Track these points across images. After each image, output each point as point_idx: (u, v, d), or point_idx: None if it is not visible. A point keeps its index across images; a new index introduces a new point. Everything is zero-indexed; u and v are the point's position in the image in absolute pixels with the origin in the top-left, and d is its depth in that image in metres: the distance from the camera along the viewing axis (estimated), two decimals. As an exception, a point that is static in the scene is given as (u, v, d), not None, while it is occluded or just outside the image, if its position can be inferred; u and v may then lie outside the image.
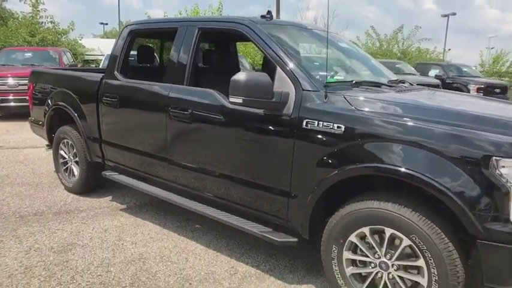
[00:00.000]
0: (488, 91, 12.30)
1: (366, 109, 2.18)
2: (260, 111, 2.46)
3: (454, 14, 32.03)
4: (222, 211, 2.84)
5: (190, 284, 2.60)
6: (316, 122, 2.25)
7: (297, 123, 2.32)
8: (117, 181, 3.64)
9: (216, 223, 3.35)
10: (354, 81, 2.60)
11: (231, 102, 2.41)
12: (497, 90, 12.46)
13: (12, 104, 8.77)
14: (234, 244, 3.15)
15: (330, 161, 2.20)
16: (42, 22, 14.56)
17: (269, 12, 2.93)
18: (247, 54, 15.57)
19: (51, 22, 14.67)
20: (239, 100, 2.33)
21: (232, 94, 2.35)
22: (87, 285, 2.55)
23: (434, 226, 1.92)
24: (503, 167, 1.80)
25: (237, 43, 4.54)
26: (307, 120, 2.28)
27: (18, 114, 8.56)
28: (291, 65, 2.45)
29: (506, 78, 17.32)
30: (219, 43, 4.23)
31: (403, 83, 3.14)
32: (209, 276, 2.69)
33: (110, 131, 3.63)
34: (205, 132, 2.85)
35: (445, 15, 32.15)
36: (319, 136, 2.24)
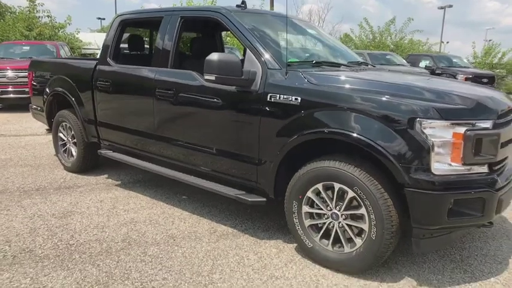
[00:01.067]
0: (476, 81, 12.66)
1: (319, 83, 2.56)
2: (232, 88, 2.84)
3: (451, 6, 32.31)
4: (203, 179, 3.21)
5: (174, 240, 2.99)
6: (278, 95, 2.63)
7: (263, 97, 2.69)
8: (111, 158, 4.02)
9: (201, 194, 3.77)
10: (314, 61, 2.98)
11: (206, 80, 2.78)
12: (485, 80, 12.83)
13: (11, 95, 9.11)
14: (216, 211, 3.54)
15: (289, 129, 2.58)
16: (39, 17, 14.87)
17: (243, 1, 3.30)
18: (241, 48, 15.86)
19: (48, 16, 14.99)
20: (212, 77, 2.71)
21: (207, 72, 2.73)
22: (84, 241, 2.93)
23: (373, 179, 2.31)
24: (426, 127, 2.18)
25: (227, 34, 4.91)
26: (270, 94, 2.66)
27: (18, 106, 8.92)
28: (258, 47, 2.82)
29: (497, 70, 17.70)
30: (204, 32, 4.59)
31: (366, 65, 3.51)
32: (191, 235, 3.08)
33: (104, 113, 4.00)
34: (186, 109, 3.23)
35: (442, 8, 32.43)
36: (281, 107, 2.62)
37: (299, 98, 2.54)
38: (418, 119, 2.18)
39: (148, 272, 2.54)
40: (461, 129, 2.17)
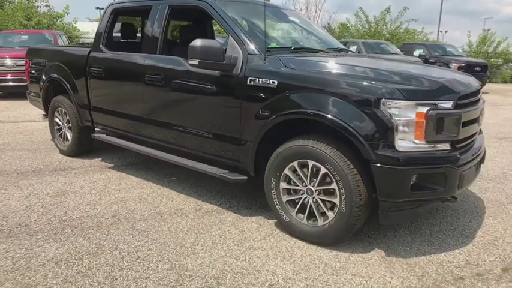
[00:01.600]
0: (468, 69, 12.76)
1: (294, 67, 2.71)
2: (216, 72, 2.99)
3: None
4: (189, 160, 3.38)
5: (161, 216, 3.17)
6: (257, 79, 2.78)
7: (243, 80, 2.85)
8: (104, 141, 4.19)
9: (190, 176, 3.96)
10: (292, 47, 3.12)
11: (190, 64, 2.93)
12: (478, 69, 12.92)
13: (10, 83, 9.26)
14: (203, 191, 3.71)
15: (266, 110, 2.74)
16: (37, 6, 14.97)
17: (228, -10, 3.42)
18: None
19: (46, 6, 15.09)
20: (196, 62, 2.86)
21: (190, 57, 2.88)
22: (76, 217, 3.12)
23: (342, 156, 2.47)
24: (390, 107, 2.34)
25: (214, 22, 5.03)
26: (250, 77, 2.81)
27: (17, 93, 9.07)
28: (239, 34, 2.97)
29: (492, 59, 17.77)
30: (194, 21, 4.72)
31: (346, 51, 3.65)
32: (178, 212, 3.26)
33: (97, 98, 4.16)
34: (174, 93, 3.38)
35: (439, -3, 32.20)
36: (259, 90, 2.77)
37: (276, 81, 2.70)
38: (383, 99, 2.34)
39: (135, 243, 2.72)
40: (424, 109, 2.33)
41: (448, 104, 2.40)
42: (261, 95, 2.77)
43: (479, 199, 3.65)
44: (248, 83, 2.82)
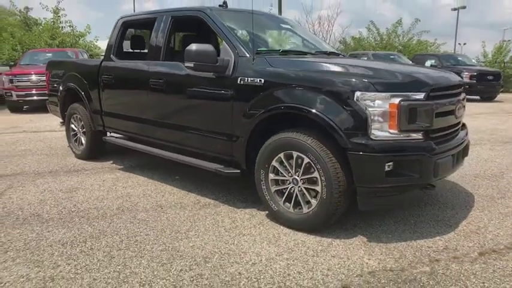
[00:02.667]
0: (481, 78, 12.72)
1: (279, 66, 2.94)
2: (210, 74, 3.25)
3: (464, 7, 31.91)
4: (188, 156, 3.63)
5: (162, 208, 3.41)
6: (246, 78, 3.02)
7: (234, 80, 3.09)
8: (113, 143, 4.50)
9: (192, 175, 4.21)
10: (281, 50, 3.36)
11: (186, 67, 3.21)
12: (490, 77, 12.85)
13: (35, 98, 9.87)
14: (203, 188, 3.93)
15: (255, 106, 2.97)
16: (62, 26, 15.87)
17: (224, 2, 3.73)
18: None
19: (69, 26, 16.00)
20: (191, 65, 3.13)
21: (186, 60, 3.15)
22: (84, 209, 3.39)
23: (322, 145, 2.66)
24: (364, 99, 2.53)
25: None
26: (240, 77, 3.06)
27: (41, 107, 9.63)
28: (231, 39, 3.24)
29: (508, 69, 17.55)
30: (198, 32, 5.04)
31: (337, 55, 3.87)
32: (177, 204, 3.49)
33: (107, 103, 4.49)
34: (174, 95, 3.66)
35: (455, 9, 32.07)
36: (248, 88, 3.01)
37: (262, 80, 2.93)
38: (357, 92, 2.53)
39: (135, 230, 2.96)
40: (396, 100, 2.51)
41: (420, 96, 2.57)
42: (250, 92, 3.00)
43: (470, 194, 3.73)
44: (238, 82, 3.06)
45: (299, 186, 2.86)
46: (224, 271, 2.36)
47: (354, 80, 2.59)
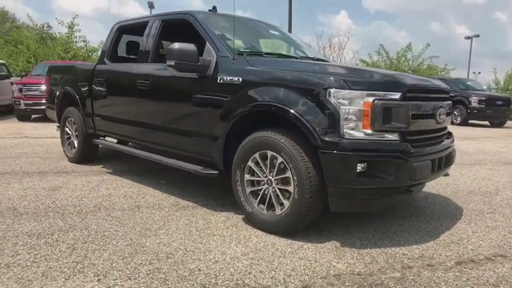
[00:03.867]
0: (490, 103, 12.53)
1: (257, 65, 2.93)
2: (193, 74, 3.26)
3: (477, 35, 32.02)
4: (170, 158, 3.60)
5: (139, 208, 3.36)
6: (226, 77, 3.02)
7: (214, 79, 3.09)
8: (102, 145, 4.52)
9: (177, 180, 4.17)
10: (264, 52, 3.36)
11: (168, 65, 3.22)
12: (500, 103, 12.65)
13: (43, 107, 10.02)
14: (185, 192, 3.88)
15: (233, 105, 2.95)
16: (76, 41, 16.43)
17: (214, 7, 3.78)
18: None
19: (83, 41, 16.55)
20: (172, 63, 3.14)
21: (168, 59, 3.17)
22: (62, 205, 3.36)
23: (295, 144, 2.60)
24: (336, 97, 2.48)
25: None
26: (220, 76, 3.06)
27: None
28: (215, 39, 3.26)
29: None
30: (187, 35, 5.03)
31: (323, 60, 3.86)
32: (156, 205, 3.44)
33: (98, 106, 4.54)
34: (159, 96, 3.68)
35: (468, 37, 32.18)
36: (227, 88, 3.00)
37: (240, 78, 2.92)
38: (329, 89, 2.49)
39: (106, 226, 2.91)
40: (370, 99, 2.45)
41: (396, 96, 2.51)
42: (228, 91, 2.99)
43: (459, 208, 3.59)
44: (218, 81, 3.06)
45: (273, 187, 2.80)
46: (184, 267, 2.28)
47: (327, 77, 2.55)
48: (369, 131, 2.47)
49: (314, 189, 2.56)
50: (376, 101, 2.44)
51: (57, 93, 5.28)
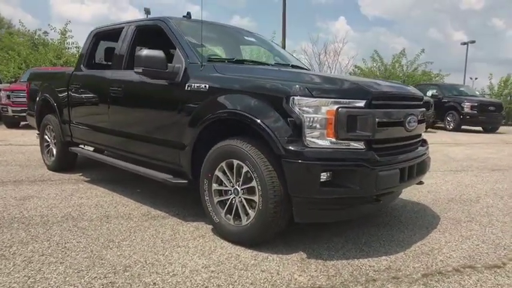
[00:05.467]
0: (482, 109, 12.51)
1: (224, 72, 2.88)
2: (163, 81, 3.20)
3: (473, 41, 32.17)
4: (140, 166, 3.54)
5: (107, 218, 3.28)
6: (193, 84, 2.96)
7: (182, 87, 3.03)
8: (78, 153, 4.45)
9: (153, 189, 4.10)
10: (234, 59, 3.31)
11: (136, 72, 3.16)
12: (492, 108, 12.64)
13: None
14: (159, 201, 3.80)
15: (199, 113, 2.89)
16: (68, 48, 16.39)
17: (188, 13, 3.74)
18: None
19: (76, 48, 16.49)
20: (140, 70, 3.09)
21: (136, 66, 3.11)
22: (29, 216, 3.28)
23: (260, 153, 2.54)
24: (299, 104, 2.42)
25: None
26: (187, 83, 3.00)
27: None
28: (184, 46, 3.21)
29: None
30: (160, 41, 4.96)
31: (299, 67, 3.81)
32: (125, 215, 3.36)
33: (75, 113, 4.47)
34: (131, 103, 3.62)
35: (465, 43, 32.31)
36: (194, 94, 2.94)
37: (207, 85, 2.86)
38: (292, 97, 2.43)
39: (69, 237, 2.83)
40: (334, 107, 2.40)
41: (360, 103, 2.46)
42: (196, 99, 2.93)
43: (437, 217, 3.52)
44: (186, 88, 3.00)
45: (239, 197, 2.73)
46: (140, 280, 2.21)
47: (292, 85, 2.49)
48: (333, 140, 2.41)
49: (278, 199, 2.49)
50: (340, 109, 2.39)
51: (38, 95, 5.22)
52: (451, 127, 13.15)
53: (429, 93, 13.76)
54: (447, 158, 7.13)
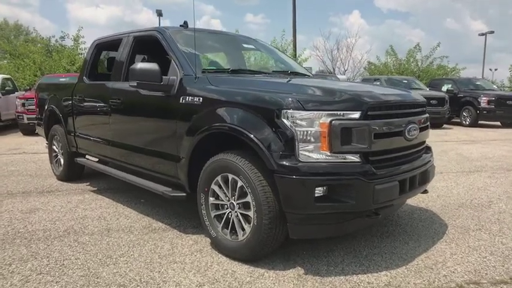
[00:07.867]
0: (500, 103, 12.12)
1: (217, 85, 2.83)
2: (159, 93, 3.18)
3: (492, 32, 31.20)
4: (141, 178, 3.53)
5: (108, 232, 3.29)
6: (187, 97, 2.93)
7: (177, 100, 3.01)
8: (83, 164, 4.49)
9: (160, 199, 4.08)
10: (230, 69, 3.26)
11: (130, 85, 3.15)
12: (510, 102, 12.21)
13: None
14: (163, 211, 3.81)
15: (194, 126, 2.85)
16: (81, 54, 16.65)
17: (185, 22, 3.70)
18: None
19: (89, 53, 16.72)
20: (134, 83, 3.08)
21: (131, 79, 3.10)
22: (32, 230, 3.32)
23: (253, 167, 2.48)
24: (292, 117, 2.35)
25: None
26: (182, 96, 2.97)
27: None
28: (179, 57, 3.18)
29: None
30: (157, 51, 4.93)
31: (302, 75, 3.73)
32: (126, 228, 3.36)
33: (79, 124, 4.51)
34: (129, 115, 3.62)
35: (482, 34, 31.40)
36: (188, 108, 2.91)
37: (201, 98, 2.83)
38: (284, 110, 2.36)
39: (68, 253, 2.85)
40: (327, 120, 2.32)
41: (355, 115, 2.37)
42: (190, 112, 2.90)
43: (444, 225, 3.40)
44: (180, 101, 2.97)
45: (236, 211, 2.69)
46: (132, 301, 2.19)
47: (284, 97, 2.42)
48: (328, 153, 2.34)
49: (273, 215, 2.43)
50: (333, 122, 2.31)
51: (45, 106, 5.29)
52: (467, 122, 12.79)
53: (444, 88, 13.40)
54: (461, 158, 6.91)
